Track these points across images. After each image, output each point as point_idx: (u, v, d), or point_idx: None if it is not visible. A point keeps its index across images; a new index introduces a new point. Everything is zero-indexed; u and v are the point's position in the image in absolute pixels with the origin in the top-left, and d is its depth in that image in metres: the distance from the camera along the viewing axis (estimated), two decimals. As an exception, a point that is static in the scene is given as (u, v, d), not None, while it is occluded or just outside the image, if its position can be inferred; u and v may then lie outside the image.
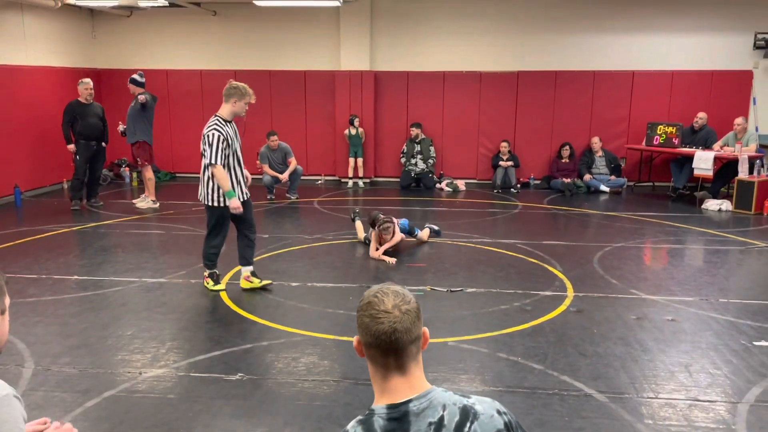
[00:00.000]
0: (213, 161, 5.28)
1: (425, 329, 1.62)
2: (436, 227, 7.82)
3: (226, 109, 5.42)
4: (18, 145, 10.06)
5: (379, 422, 1.50)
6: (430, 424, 1.49)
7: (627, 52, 11.59)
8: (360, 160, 11.87)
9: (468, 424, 1.50)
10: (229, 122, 5.44)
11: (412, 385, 1.54)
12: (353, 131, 11.73)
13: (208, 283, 5.74)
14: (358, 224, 7.65)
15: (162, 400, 3.77)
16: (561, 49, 11.72)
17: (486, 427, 1.52)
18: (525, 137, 11.96)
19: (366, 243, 7.26)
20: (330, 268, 6.52)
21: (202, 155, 5.38)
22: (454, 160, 12.14)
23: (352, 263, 6.77)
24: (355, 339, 1.62)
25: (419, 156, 11.64)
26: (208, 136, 5.28)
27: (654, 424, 3.52)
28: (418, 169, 11.64)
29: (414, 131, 11.62)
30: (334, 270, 6.48)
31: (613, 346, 4.57)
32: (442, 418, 1.50)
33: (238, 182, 5.52)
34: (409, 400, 1.51)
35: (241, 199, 5.52)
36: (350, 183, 11.93)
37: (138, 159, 9.49)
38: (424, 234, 7.58)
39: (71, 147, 9.29)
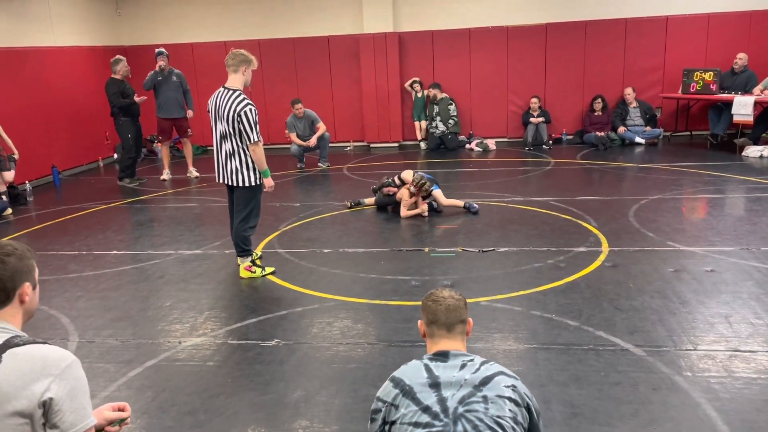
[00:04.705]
0: (258, 138, 5.08)
1: (470, 319, 2.21)
2: (473, 205, 7.12)
3: (238, 80, 5.13)
4: (53, 127, 10.25)
5: (425, 359, 2.09)
6: (463, 363, 2.04)
7: (660, -4, 11.16)
8: (423, 123, 11.84)
9: (489, 365, 2.03)
10: None
11: (457, 348, 2.12)
12: (419, 94, 11.69)
13: (255, 272, 5.37)
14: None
15: (202, 367, 3.87)
16: (590, -3, 11.34)
17: (506, 380, 2.00)
18: (556, 92, 11.68)
19: (377, 204, 7.40)
20: (361, 234, 6.54)
21: (227, 136, 5.09)
22: (483, 120, 11.95)
23: (383, 228, 6.78)
24: (419, 322, 2.24)
25: (438, 118, 11.49)
26: (246, 113, 4.98)
27: (693, 376, 3.47)
28: (438, 131, 11.49)
29: (431, 92, 11.45)
30: (366, 235, 6.50)
31: (650, 300, 4.50)
32: (473, 360, 2.06)
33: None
34: (450, 350, 2.10)
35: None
36: (423, 145, 11.83)
37: (189, 129, 9.95)
38: (439, 196, 7.12)
39: (140, 99, 9.50)
